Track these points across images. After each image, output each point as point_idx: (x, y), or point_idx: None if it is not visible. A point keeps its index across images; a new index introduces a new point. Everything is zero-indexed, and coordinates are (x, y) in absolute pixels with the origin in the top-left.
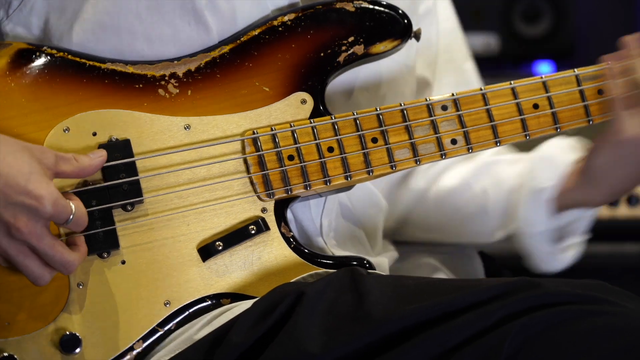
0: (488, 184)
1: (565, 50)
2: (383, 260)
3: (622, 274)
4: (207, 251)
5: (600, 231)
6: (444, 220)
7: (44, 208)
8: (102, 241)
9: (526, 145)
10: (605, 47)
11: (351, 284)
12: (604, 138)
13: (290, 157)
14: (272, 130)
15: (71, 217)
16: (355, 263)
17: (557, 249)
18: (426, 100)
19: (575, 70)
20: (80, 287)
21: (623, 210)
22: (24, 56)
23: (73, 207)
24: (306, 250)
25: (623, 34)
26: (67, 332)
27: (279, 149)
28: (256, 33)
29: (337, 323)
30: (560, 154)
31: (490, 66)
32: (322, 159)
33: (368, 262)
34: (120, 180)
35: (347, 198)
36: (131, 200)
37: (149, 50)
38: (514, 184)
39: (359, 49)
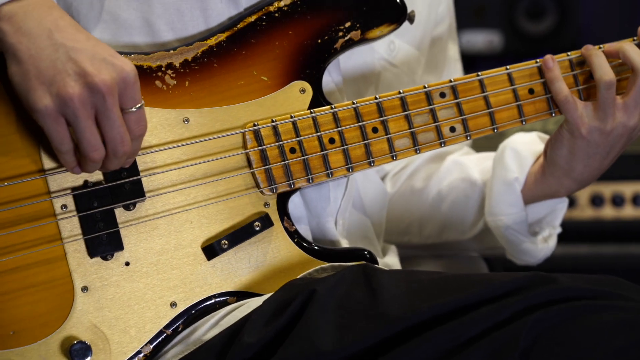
0: (459, 182)
1: (570, 48)
2: (394, 261)
3: (628, 275)
4: (212, 250)
5: (606, 232)
6: (418, 221)
7: (129, 73)
8: (106, 243)
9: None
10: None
11: (363, 280)
12: (562, 130)
13: (292, 150)
14: (272, 122)
15: (139, 105)
16: (361, 256)
17: (534, 239)
18: (424, 87)
19: (569, 54)
20: (85, 291)
21: (628, 211)
22: None
23: (143, 102)
24: (310, 245)
25: (628, 31)
26: (77, 341)
27: (281, 143)
28: (252, 20)
29: (350, 320)
30: (525, 147)
31: (492, 65)
32: (324, 151)
33: (369, 252)
34: (123, 180)
35: (358, 188)
36: (134, 200)
37: (178, 23)
38: (485, 178)
39: (355, 35)
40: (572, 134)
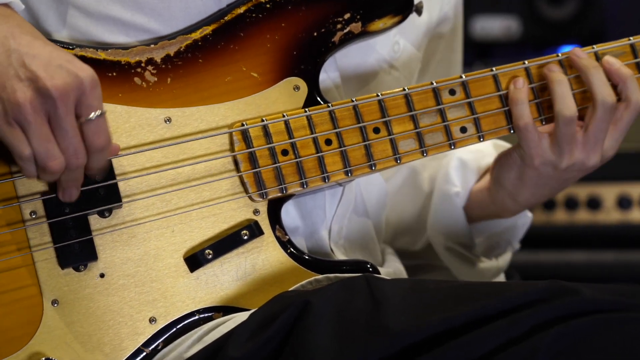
0: (406, 187)
1: (593, 34)
2: (398, 267)
3: None
4: (195, 261)
5: (635, 237)
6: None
7: (84, 79)
8: (78, 253)
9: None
10: (637, 30)
11: (365, 289)
12: (513, 153)
13: (284, 152)
14: (262, 121)
15: (99, 112)
16: (359, 267)
17: (479, 259)
18: (432, 83)
19: (595, 46)
20: (56, 305)
21: None
22: None
23: (105, 111)
24: (304, 256)
25: None
26: (45, 358)
27: (272, 144)
28: (241, 11)
29: (351, 332)
30: (473, 158)
31: (510, 53)
32: (320, 154)
33: (372, 265)
34: (96, 185)
35: (360, 192)
36: (109, 206)
37: (155, 23)
38: (428, 189)
39: (355, 27)
40: (523, 160)
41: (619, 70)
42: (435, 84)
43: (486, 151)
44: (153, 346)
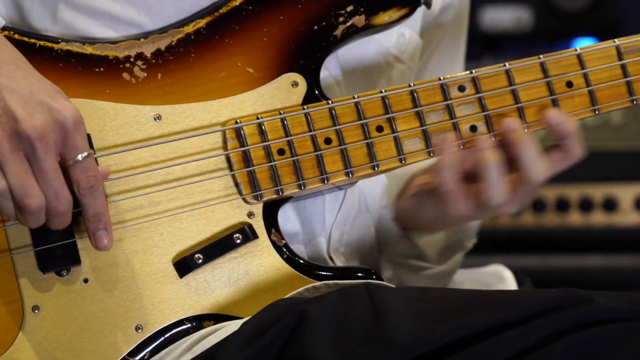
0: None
1: (609, 25)
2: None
3: None
4: (184, 265)
5: None
6: None
7: (67, 118)
8: (60, 257)
9: None
10: None
11: (366, 299)
12: (428, 203)
13: (281, 151)
14: (258, 119)
15: (85, 154)
16: (360, 274)
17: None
18: (439, 79)
19: (616, 40)
20: (36, 311)
21: None
22: None
23: (92, 151)
24: (302, 261)
25: None
26: None
27: (268, 143)
28: (237, 3)
29: (352, 345)
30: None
31: (521, 45)
32: (318, 152)
33: (375, 272)
34: None
35: (364, 197)
36: None
37: (146, 17)
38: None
39: (359, 20)
40: (440, 210)
41: (563, 126)
42: (443, 79)
43: None
44: (139, 356)
